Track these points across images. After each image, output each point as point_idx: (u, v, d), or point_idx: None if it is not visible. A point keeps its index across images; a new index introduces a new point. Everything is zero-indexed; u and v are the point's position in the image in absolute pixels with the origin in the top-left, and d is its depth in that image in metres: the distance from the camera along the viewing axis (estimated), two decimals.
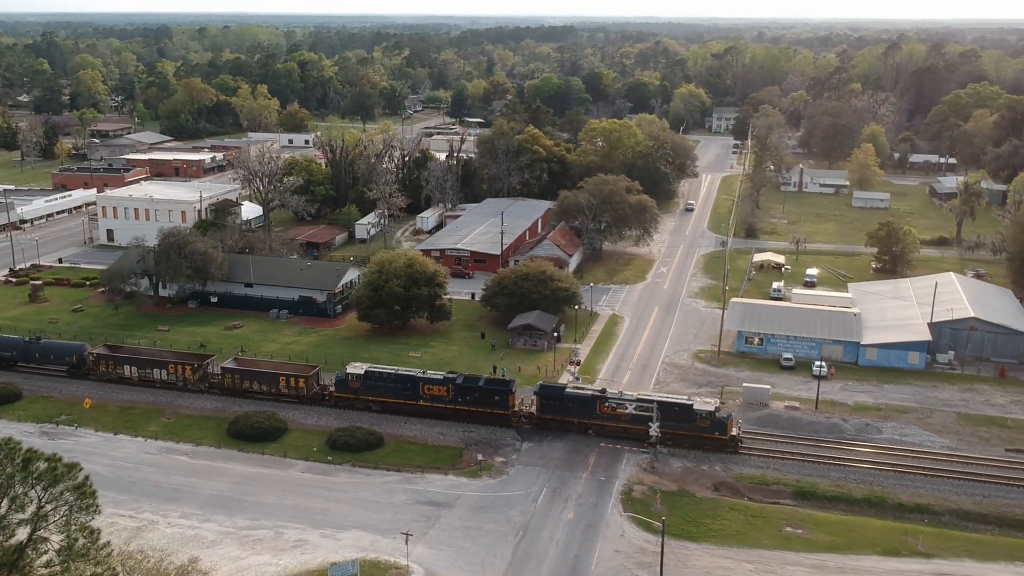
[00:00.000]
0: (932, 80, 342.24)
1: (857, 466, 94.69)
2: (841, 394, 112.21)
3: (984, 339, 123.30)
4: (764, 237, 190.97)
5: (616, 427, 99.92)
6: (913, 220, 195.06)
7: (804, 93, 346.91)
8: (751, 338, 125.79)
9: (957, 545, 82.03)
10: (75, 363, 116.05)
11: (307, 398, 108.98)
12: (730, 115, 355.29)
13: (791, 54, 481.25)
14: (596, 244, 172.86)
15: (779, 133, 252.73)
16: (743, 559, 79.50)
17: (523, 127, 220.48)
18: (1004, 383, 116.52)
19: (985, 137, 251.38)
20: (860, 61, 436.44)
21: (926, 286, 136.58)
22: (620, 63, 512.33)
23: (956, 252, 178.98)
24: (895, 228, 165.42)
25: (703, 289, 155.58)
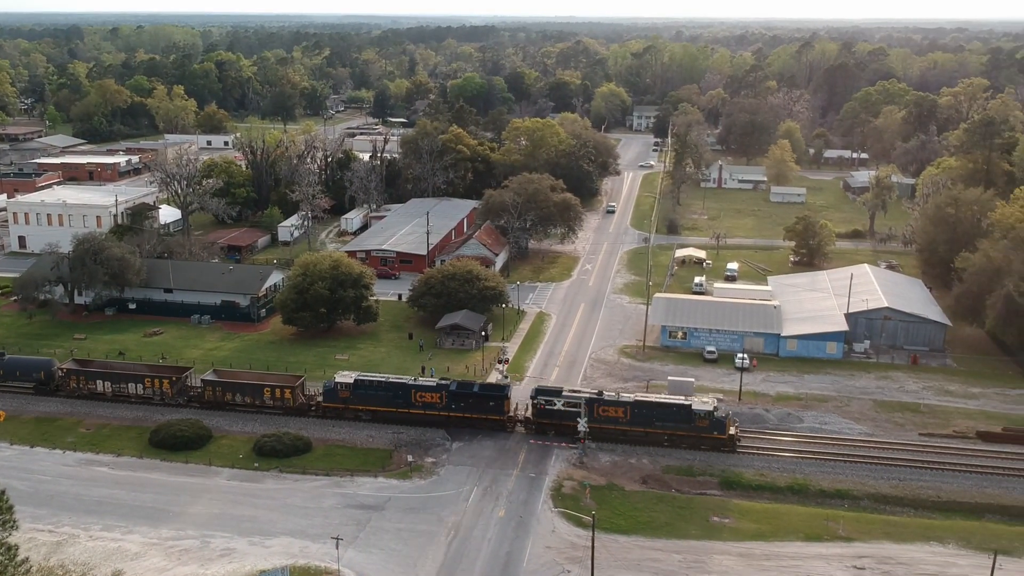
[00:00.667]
0: (843, 78, 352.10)
1: (780, 455, 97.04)
2: (763, 385, 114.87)
3: (897, 328, 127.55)
4: (685, 233, 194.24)
5: (614, 429, 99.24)
6: (828, 214, 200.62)
7: (722, 91, 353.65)
8: (675, 332, 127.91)
9: (876, 528, 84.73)
10: (43, 379, 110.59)
11: (293, 409, 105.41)
12: (650, 113, 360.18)
13: (708, 53, 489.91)
14: (522, 242, 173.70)
15: (698, 131, 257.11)
16: (672, 550, 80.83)
17: (447, 127, 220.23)
18: (917, 370, 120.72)
19: (894, 133, 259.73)
20: (775, 59, 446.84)
21: (842, 278, 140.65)
22: (542, 63, 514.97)
23: (869, 244, 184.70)
24: (812, 222, 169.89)
25: (627, 285, 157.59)
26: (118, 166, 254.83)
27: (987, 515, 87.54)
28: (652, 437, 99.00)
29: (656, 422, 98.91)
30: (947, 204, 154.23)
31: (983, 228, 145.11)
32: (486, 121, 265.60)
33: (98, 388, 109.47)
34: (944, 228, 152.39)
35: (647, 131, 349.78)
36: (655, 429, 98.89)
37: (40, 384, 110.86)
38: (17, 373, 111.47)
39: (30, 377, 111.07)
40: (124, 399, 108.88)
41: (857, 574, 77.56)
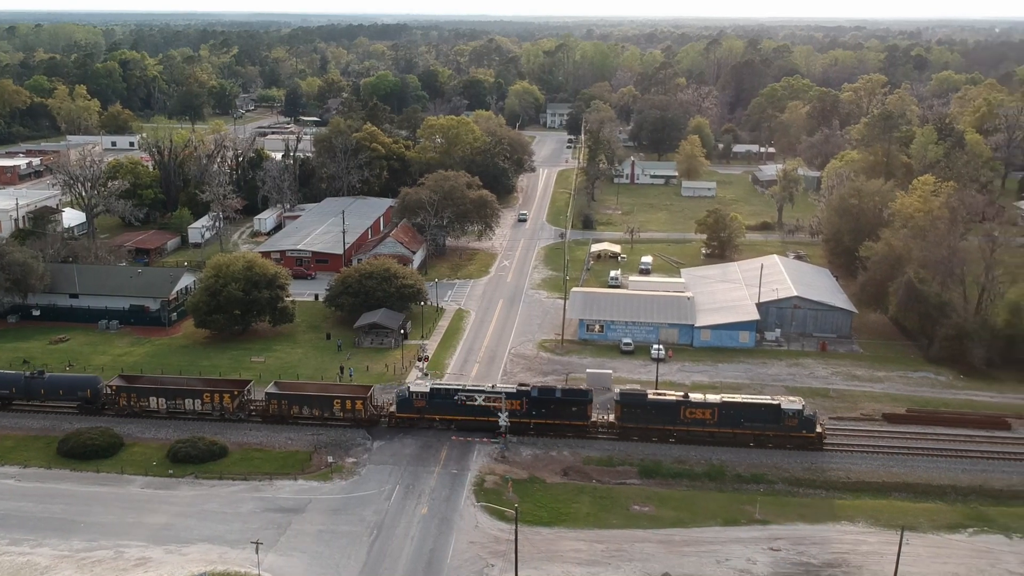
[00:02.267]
0: (750, 74, 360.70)
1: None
2: (679, 375, 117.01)
3: (807, 316, 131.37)
4: (600, 228, 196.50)
5: (701, 431, 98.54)
6: (738, 207, 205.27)
7: (633, 88, 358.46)
8: (592, 325, 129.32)
9: (790, 510, 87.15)
10: (89, 397, 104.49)
11: (364, 421, 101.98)
12: (564, 111, 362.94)
13: (619, 51, 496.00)
14: (439, 240, 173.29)
15: (611, 127, 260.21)
16: (594, 540, 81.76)
17: (361, 125, 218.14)
18: (825, 356, 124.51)
19: (799, 127, 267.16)
20: (683, 57, 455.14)
21: (752, 268, 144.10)
22: (455, 60, 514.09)
23: (778, 236, 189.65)
24: (722, 215, 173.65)
25: (545, 280, 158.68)
26: (18, 169, 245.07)
27: (894, 493, 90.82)
28: (739, 438, 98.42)
29: (744, 422, 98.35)
30: (850, 196, 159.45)
31: (885, 218, 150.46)
32: (401, 119, 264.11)
33: (151, 405, 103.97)
34: (848, 219, 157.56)
35: (561, 128, 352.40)
36: (743, 430, 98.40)
37: (86, 403, 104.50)
38: (60, 392, 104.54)
39: (75, 396, 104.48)
40: (180, 416, 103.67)
41: (773, 555, 79.66)
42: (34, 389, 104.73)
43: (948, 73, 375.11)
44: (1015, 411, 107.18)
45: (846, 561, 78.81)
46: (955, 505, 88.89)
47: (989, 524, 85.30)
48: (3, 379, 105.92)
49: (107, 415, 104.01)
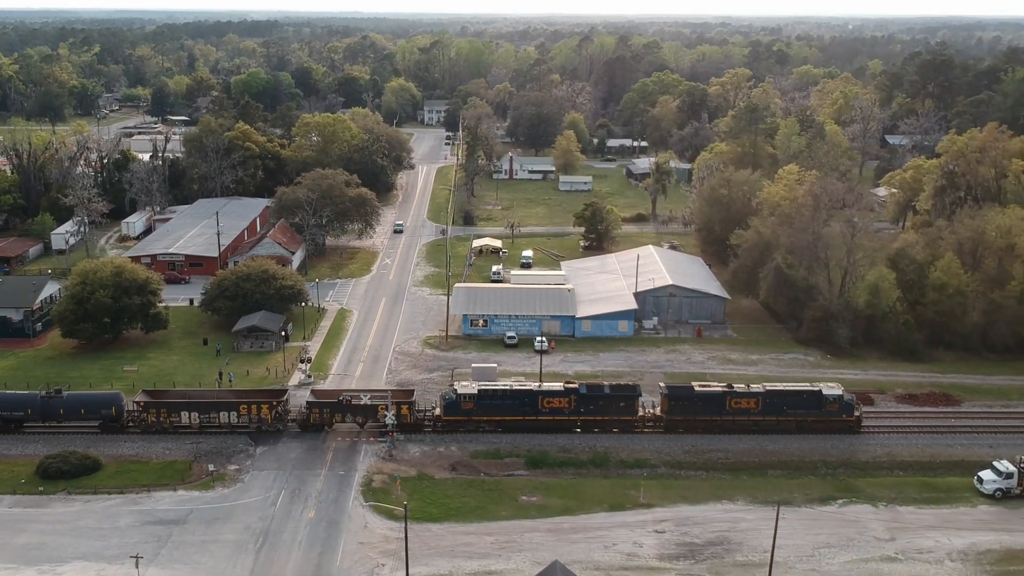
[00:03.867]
0: (622, 70, 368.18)
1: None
2: (562, 365, 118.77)
3: (682, 304, 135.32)
4: (481, 224, 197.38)
5: (747, 420, 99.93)
6: (614, 200, 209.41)
7: (508, 84, 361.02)
8: (476, 320, 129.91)
9: (673, 493, 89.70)
10: (114, 415, 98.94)
11: (410, 426, 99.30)
12: (441, 107, 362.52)
13: (494, 48, 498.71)
14: (319, 239, 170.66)
15: (488, 123, 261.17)
16: (484, 533, 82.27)
17: (233, 124, 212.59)
18: (701, 342, 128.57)
19: (670, 121, 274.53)
20: (557, 53, 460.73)
21: (629, 259, 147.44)
22: (329, 58, 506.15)
23: (653, 227, 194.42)
24: (599, 208, 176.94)
25: (427, 277, 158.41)
26: None
27: (770, 471, 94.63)
28: (783, 425, 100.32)
29: (787, 410, 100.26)
30: (720, 186, 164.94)
31: (753, 207, 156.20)
32: (274, 117, 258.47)
33: (183, 420, 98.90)
34: (719, 208, 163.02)
35: (439, 125, 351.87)
36: (786, 417, 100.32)
37: (110, 421, 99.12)
38: (82, 411, 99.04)
39: (98, 414, 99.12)
40: (213, 430, 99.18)
41: (659, 537, 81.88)
42: (52, 409, 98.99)
43: (807, 67, 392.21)
44: (877, 387, 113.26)
45: (727, 539, 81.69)
46: (826, 479, 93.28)
47: (857, 495, 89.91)
48: (16, 400, 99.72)
49: (132, 433, 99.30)
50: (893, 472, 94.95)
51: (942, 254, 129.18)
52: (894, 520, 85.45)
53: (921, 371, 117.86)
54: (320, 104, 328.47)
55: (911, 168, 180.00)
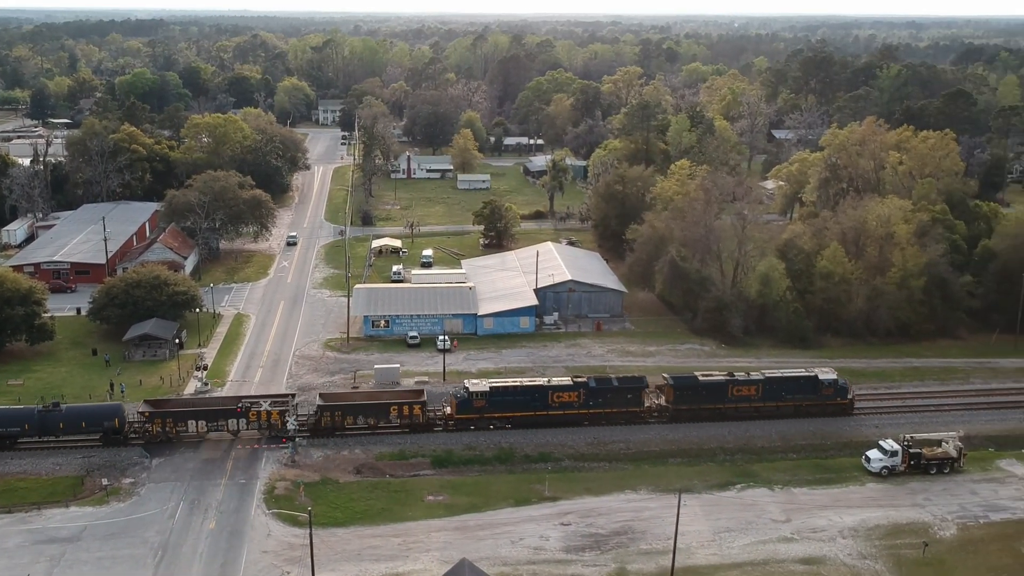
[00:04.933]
0: (516, 68, 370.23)
1: (488, 429, 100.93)
2: (465, 363, 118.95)
3: (581, 298, 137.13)
4: (380, 224, 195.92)
5: (748, 407, 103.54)
6: (512, 198, 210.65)
7: (404, 84, 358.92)
8: (377, 321, 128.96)
9: (577, 485, 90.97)
10: (116, 427, 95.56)
11: (421, 426, 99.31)
12: (335, 107, 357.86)
13: (388, 47, 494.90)
14: (212, 243, 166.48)
15: (384, 123, 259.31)
16: (391, 534, 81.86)
17: (118, 126, 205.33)
18: (601, 335, 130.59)
19: (565, 119, 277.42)
20: (452, 52, 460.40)
21: (529, 256, 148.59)
22: (218, 57, 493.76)
23: (551, 223, 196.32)
24: (497, 206, 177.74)
25: (327, 279, 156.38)
26: None
27: (671, 460, 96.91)
28: (782, 410, 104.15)
29: (785, 395, 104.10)
30: (615, 182, 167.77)
31: (647, 202, 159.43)
32: (162, 118, 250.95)
33: (189, 429, 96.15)
34: (614, 204, 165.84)
35: (334, 125, 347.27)
36: (785, 402, 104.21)
37: (113, 433, 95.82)
38: (83, 424, 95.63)
39: (100, 427, 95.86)
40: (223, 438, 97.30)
41: (564, 530, 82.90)
42: (51, 424, 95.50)
43: (696, 65, 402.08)
44: None
45: (632, 528, 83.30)
46: (724, 465, 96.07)
47: (754, 479, 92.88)
48: (11, 416, 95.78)
49: (134, 445, 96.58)
50: (787, 456, 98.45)
51: (827, 244, 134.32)
52: (789, 502, 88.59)
53: (811, 357, 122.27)
54: (210, 104, 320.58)
55: (797, 161, 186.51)
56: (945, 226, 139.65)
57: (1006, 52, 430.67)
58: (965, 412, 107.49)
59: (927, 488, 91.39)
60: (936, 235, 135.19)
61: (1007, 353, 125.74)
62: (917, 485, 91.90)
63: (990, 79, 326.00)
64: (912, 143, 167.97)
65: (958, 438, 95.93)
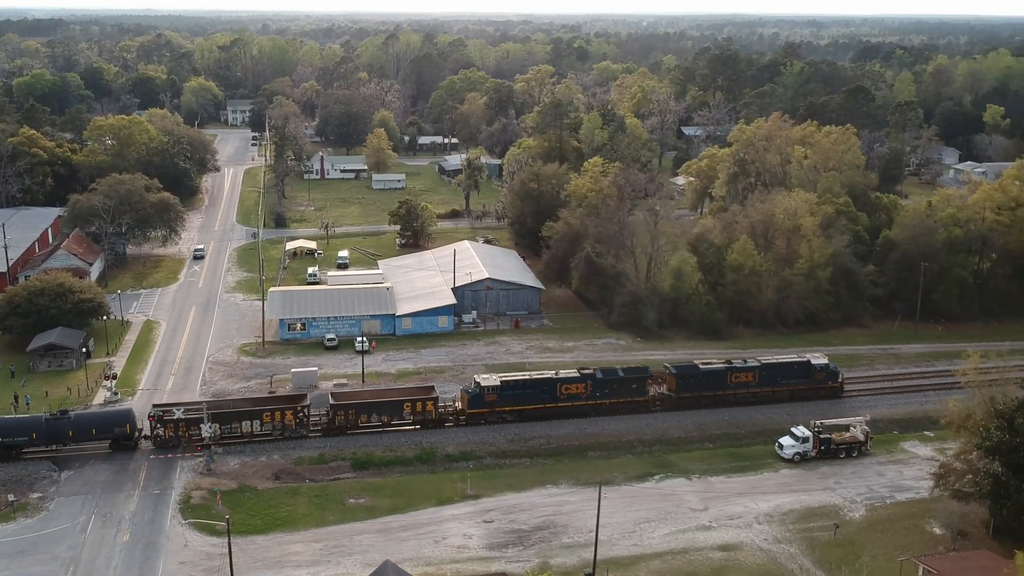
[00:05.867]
0: (429, 67, 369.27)
1: (406, 429, 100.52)
2: (384, 364, 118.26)
3: (499, 296, 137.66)
4: (294, 225, 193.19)
5: (746, 393, 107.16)
6: (428, 197, 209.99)
7: (315, 83, 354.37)
8: (293, 324, 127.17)
9: (499, 482, 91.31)
10: (128, 433, 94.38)
11: (434, 421, 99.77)
12: (245, 107, 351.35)
13: (298, 45, 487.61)
14: (119, 248, 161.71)
15: (296, 123, 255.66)
16: (312, 540, 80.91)
17: (16, 129, 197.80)
18: (519, 333, 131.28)
19: (479, 117, 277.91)
20: (363, 51, 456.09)
21: (446, 255, 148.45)
22: (121, 57, 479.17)
23: (467, 222, 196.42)
24: (413, 206, 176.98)
25: (240, 282, 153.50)
26: None
27: (590, 453, 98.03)
28: (777, 395, 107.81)
29: (780, 380, 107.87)
30: (530, 180, 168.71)
31: (562, 199, 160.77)
32: (63, 120, 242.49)
33: (202, 432, 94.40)
34: (529, 202, 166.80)
35: (244, 125, 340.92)
36: (780, 387, 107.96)
37: (125, 439, 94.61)
38: (93, 431, 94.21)
39: (111, 433, 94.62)
40: (234, 440, 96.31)
41: (487, 527, 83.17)
42: (60, 432, 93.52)
43: (607, 63, 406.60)
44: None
45: (554, 522, 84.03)
46: (643, 456, 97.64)
47: (672, 469, 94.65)
48: (18, 425, 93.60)
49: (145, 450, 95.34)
50: (704, 445, 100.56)
51: (737, 237, 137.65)
52: (707, 490, 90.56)
53: (724, 348, 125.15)
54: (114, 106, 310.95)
55: (706, 157, 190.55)
56: (849, 218, 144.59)
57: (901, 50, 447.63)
58: (871, 397, 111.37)
59: (837, 472, 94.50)
60: (840, 227, 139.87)
61: (908, 339, 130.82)
62: (828, 469, 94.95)
63: (887, 76, 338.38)
64: (816, 138, 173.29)
65: (865, 423, 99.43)
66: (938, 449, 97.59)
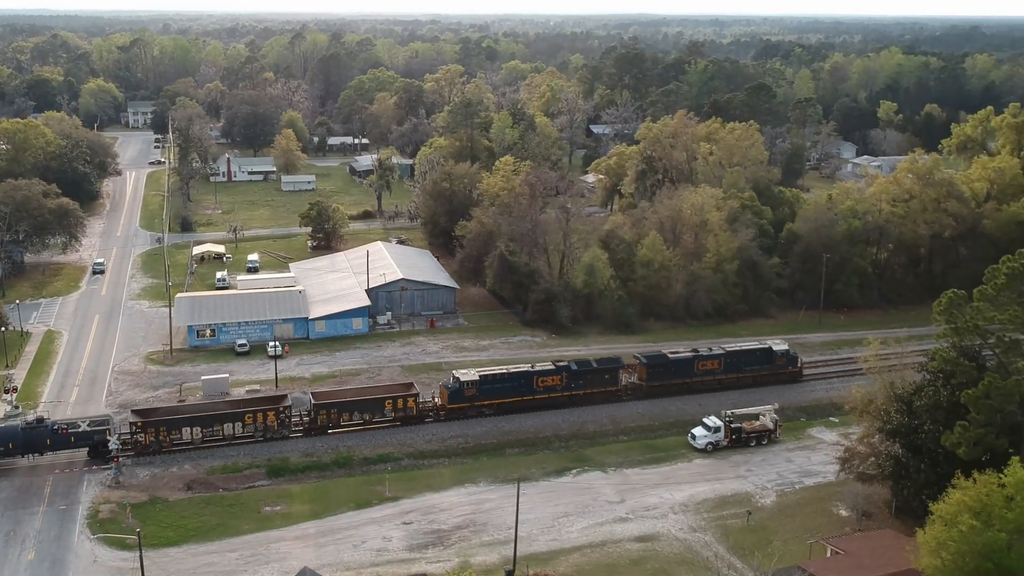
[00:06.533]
0: (337, 67, 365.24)
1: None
2: (298, 369, 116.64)
3: (414, 297, 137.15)
4: (201, 229, 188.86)
5: (712, 380, 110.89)
6: (339, 198, 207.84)
7: (219, 84, 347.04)
8: (203, 331, 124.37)
9: (418, 483, 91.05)
10: (106, 440, 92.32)
11: (414, 418, 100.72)
12: (147, 109, 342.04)
13: (201, 45, 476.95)
14: (16, 257, 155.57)
15: (201, 124, 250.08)
16: (227, 550, 79.38)
17: None
18: (435, 332, 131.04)
19: (389, 118, 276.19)
20: (269, 51, 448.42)
21: (359, 256, 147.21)
22: (14, 59, 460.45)
23: (380, 223, 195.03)
24: (324, 207, 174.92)
25: (146, 289, 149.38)
26: None
27: (508, 450, 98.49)
28: (742, 381, 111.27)
29: (744, 367, 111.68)
30: (442, 179, 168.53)
31: (474, 198, 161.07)
32: None
33: (184, 437, 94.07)
34: (442, 201, 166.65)
35: (146, 128, 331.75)
36: (744, 373, 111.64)
37: (103, 446, 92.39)
38: (72, 439, 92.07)
39: (90, 440, 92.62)
40: (216, 444, 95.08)
41: (407, 529, 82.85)
42: (37, 440, 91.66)
43: (516, 63, 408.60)
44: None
45: (473, 521, 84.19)
46: (560, 452, 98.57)
47: (588, 463, 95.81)
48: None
49: (126, 456, 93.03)
50: (619, 438, 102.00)
51: (647, 233, 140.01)
52: (623, 483, 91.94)
53: (636, 342, 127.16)
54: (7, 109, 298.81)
55: (614, 155, 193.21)
56: (753, 212, 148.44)
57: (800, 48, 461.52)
58: (779, 386, 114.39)
59: (748, 460, 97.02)
60: (746, 221, 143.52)
61: (813, 328, 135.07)
62: (739, 458, 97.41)
63: (787, 73, 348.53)
64: (720, 134, 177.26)
65: (774, 411, 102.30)
66: (843, 434, 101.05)
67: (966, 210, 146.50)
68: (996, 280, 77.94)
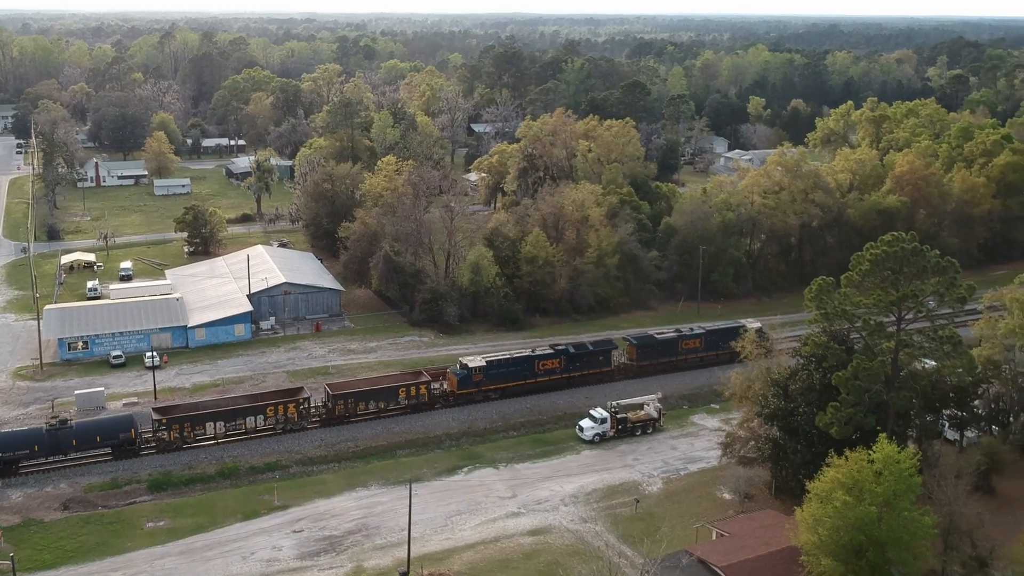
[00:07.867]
0: (209, 67, 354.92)
1: (206, 444, 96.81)
2: (178, 379, 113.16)
3: (298, 300, 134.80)
4: (69, 237, 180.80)
5: (695, 358, 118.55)
6: (216, 201, 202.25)
7: (85, 85, 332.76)
8: (74, 343, 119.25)
9: (308, 490, 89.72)
10: (132, 439, 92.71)
11: (426, 404, 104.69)
12: (7, 113, 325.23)
13: (64, 45, 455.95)
14: None
15: (66, 128, 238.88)
16: (109, 569, 76.55)
17: None
18: (321, 336, 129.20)
19: (266, 118, 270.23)
20: (137, 51, 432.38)
21: (239, 261, 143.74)
22: None
23: (260, 226, 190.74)
24: (201, 211, 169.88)
25: (11, 302, 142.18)
26: None
27: (399, 452, 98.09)
28: (720, 358, 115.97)
29: (722, 344, 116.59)
30: (324, 181, 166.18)
31: (357, 199, 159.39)
32: None
33: (208, 432, 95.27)
34: (324, 203, 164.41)
35: (7, 133, 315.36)
36: (721, 350, 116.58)
37: (128, 444, 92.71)
38: (97, 439, 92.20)
39: (115, 439, 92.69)
40: (239, 437, 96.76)
41: (297, 537, 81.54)
42: (62, 442, 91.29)
43: (394, 62, 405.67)
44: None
45: (366, 525, 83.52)
46: (451, 450, 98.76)
47: (479, 460, 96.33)
48: (19, 438, 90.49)
49: (148, 455, 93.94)
50: (509, 434, 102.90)
51: (530, 230, 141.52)
52: (514, 478, 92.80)
53: (523, 337, 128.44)
54: None
55: (496, 153, 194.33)
56: (632, 207, 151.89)
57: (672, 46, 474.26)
58: (662, 376, 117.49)
59: (634, 449, 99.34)
60: (625, 216, 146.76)
61: (692, 319, 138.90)
62: (626, 448, 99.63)
63: (660, 71, 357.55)
64: (598, 131, 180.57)
65: (658, 400, 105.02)
66: (724, 420, 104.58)
67: (831, 200, 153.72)
68: (860, 267, 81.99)
